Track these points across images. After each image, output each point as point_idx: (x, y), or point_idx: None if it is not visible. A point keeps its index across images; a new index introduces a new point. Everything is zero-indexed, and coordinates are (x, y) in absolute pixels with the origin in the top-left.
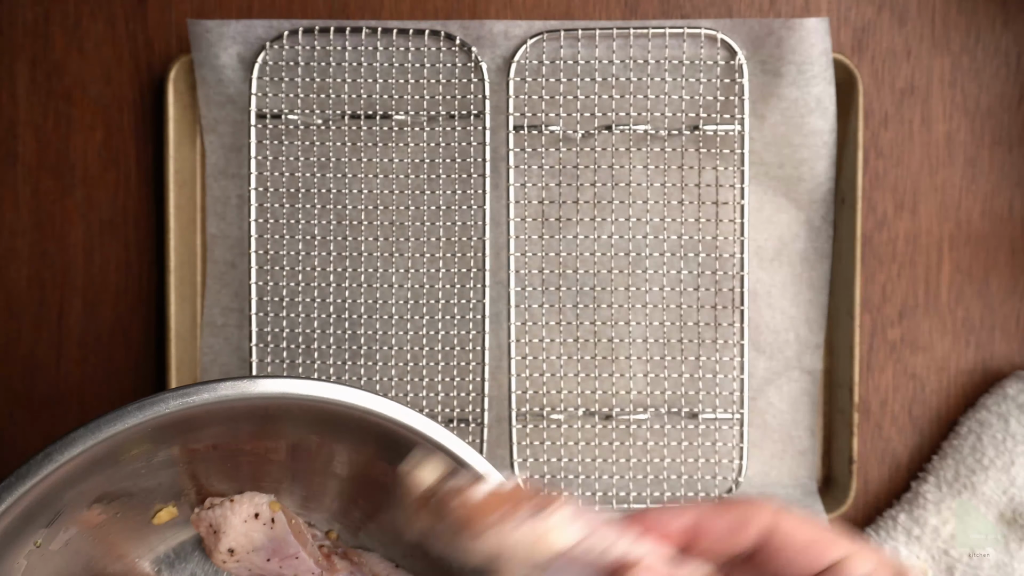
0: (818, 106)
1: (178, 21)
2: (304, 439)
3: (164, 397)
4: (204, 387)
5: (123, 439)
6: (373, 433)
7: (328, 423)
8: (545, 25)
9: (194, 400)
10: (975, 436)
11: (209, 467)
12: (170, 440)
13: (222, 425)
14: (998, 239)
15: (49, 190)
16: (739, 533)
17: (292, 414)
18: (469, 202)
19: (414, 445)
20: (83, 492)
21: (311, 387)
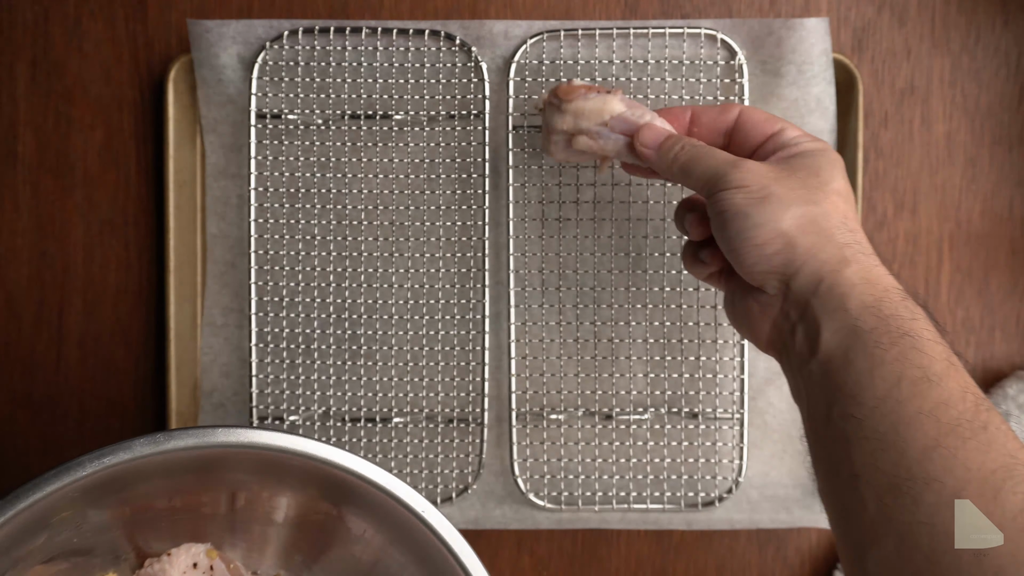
0: (818, 106)
1: (178, 21)
2: (243, 488)
3: (81, 461)
4: (120, 446)
5: (46, 505)
6: (312, 475)
7: (265, 469)
8: (545, 25)
9: (109, 461)
10: None
11: (147, 528)
12: (100, 501)
13: (154, 481)
14: (998, 239)
15: (49, 190)
16: (724, 115)
17: (225, 463)
18: (469, 202)
19: (355, 485)
20: (23, 557)
21: (234, 435)
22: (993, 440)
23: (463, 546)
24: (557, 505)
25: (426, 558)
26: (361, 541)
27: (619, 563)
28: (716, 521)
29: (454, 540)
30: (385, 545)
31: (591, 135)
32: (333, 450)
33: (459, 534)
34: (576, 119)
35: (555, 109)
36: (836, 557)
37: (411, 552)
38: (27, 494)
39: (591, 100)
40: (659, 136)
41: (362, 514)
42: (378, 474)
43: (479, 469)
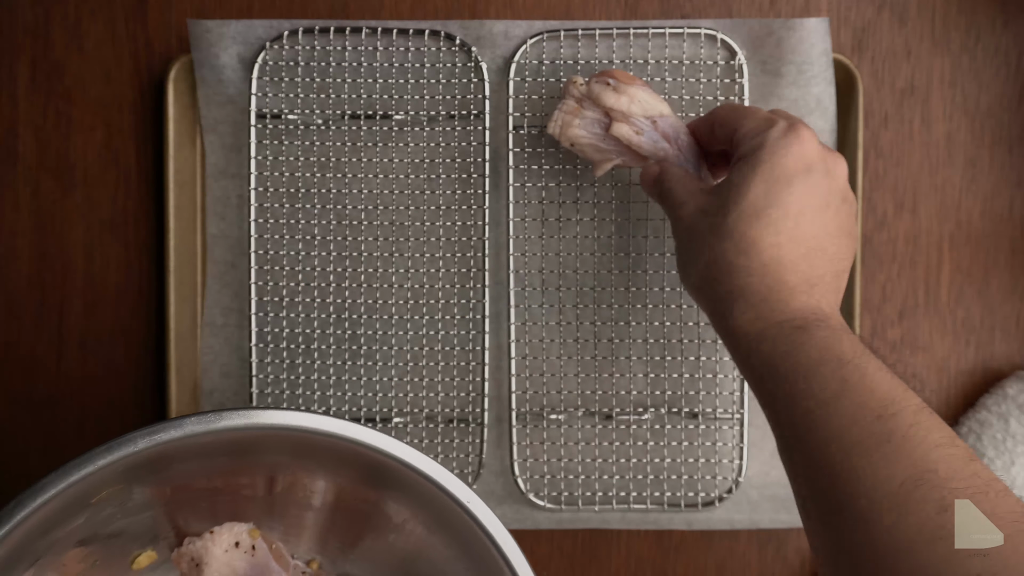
0: (818, 106)
1: (178, 21)
2: (282, 471)
3: (132, 437)
4: (171, 424)
5: (94, 481)
6: (352, 460)
7: (305, 452)
8: (545, 25)
9: (160, 437)
10: (975, 436)
11: (186, 509)
12: (143, 479)
13: (195, 461)
14: (998, 239)
15: (49, 190)
16: (708, 123)
17: (266, 445)
18: (469, 202)
19: (398, 472)
20: (60, 538)
21: (282, 417)
22: (898, 450)
23: (506, 538)
24: (557, 505)
25: (468, 550)
26: (400, 530)
27: (619, 563)
28: (716, 521)
29: (497, 532)
30: (425, 535)
31: (636, 126)
32: (378, 435)
33: (502, 525)
34: (631, 103)
35: (609, 88)
36: None
37: (452, 543)
38: (77, 468)
39: (647, 92)
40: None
41: (403, 502)
42: (422, 461)
43: (479, 469)
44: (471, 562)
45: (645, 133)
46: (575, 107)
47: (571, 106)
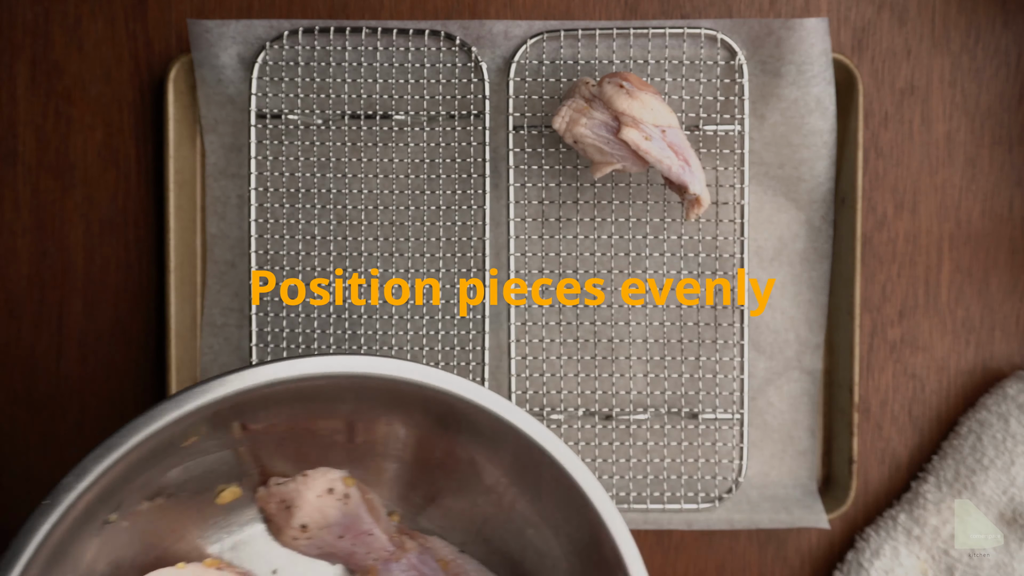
0: (818, 106)
1: (178, 21)
2: (362, 418)
3: (220, 381)
4: (260, 368)
5: (176, 429)
6: (430, 405)
7: (386, 400)
8: (545, 25)
9: (244, 383)
10: (975, 436)
11: (271, 448)
12: (228, 423)
13: (277, 408)
14: (998, 239)
15: (49, 190)
16: None
17: (345, 393)
18: (469, 202)
19: (474, 416)
20: (146, 481)
21: (365, 363)
22: None
23: (604, 500)
24: None
25: (557, 514)
26: (489, 492)
27: None
28: (716, 521)
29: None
30: (512, 499)
31: (646, 132)
32: (468, 384)
33: (612, 504)
34: (643, 109)
35: (622, 92)
36: (836, 557)
37: (542, 507)
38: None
39: (658, 100)
40: None
41: (495, 461)
42: (499, 403)
43: None
44: (558, 528)
45: (654, 140)
46: (584, 106)
47: (580, 104)
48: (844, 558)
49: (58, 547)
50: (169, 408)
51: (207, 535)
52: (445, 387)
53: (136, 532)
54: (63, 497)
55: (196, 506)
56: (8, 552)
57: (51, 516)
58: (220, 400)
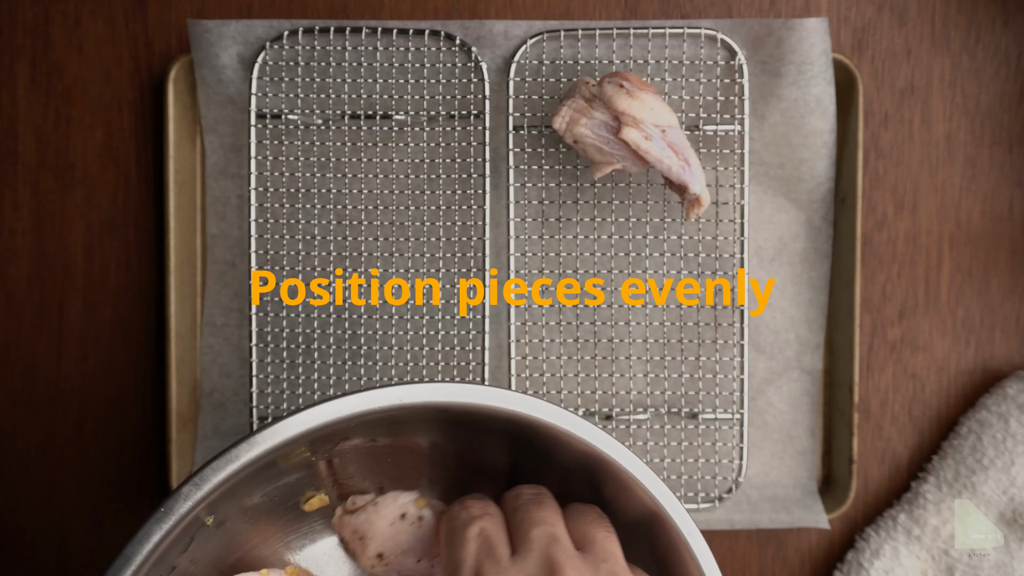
0: (818, 106)
1: (178, 21)
2: (443, 440)
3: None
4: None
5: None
6: (520, 434)
7: (466, 423)
8: (545, 25)
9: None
10: (975, 436)
11: (353, 465)
12: (324, 445)
13: (371, 428)
14: (998, 239)
15: (49, 190)
16: None
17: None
18: (469, 202)
19: (557, 440)
20: (252, 483)
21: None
22: None
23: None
24: None
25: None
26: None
27: None
28: (716, 521)
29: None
30: None
31: (646, 132)
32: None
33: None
34: (643, 108)
35: (623, 91)
36: (836, 557)
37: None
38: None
39: (659, 100)
40: None
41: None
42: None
43: None
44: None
45: (654, 140)
46: (584, 106)
47: (580, 104)
48: (844, 558)
49: (162, 552)
50: (292, 425)
51: (290, 541)
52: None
53: (224, 534)
54: (178, 506)
55: (283, 512)
56: (119, 559)
57: (164, 524)
58: (333, 423)
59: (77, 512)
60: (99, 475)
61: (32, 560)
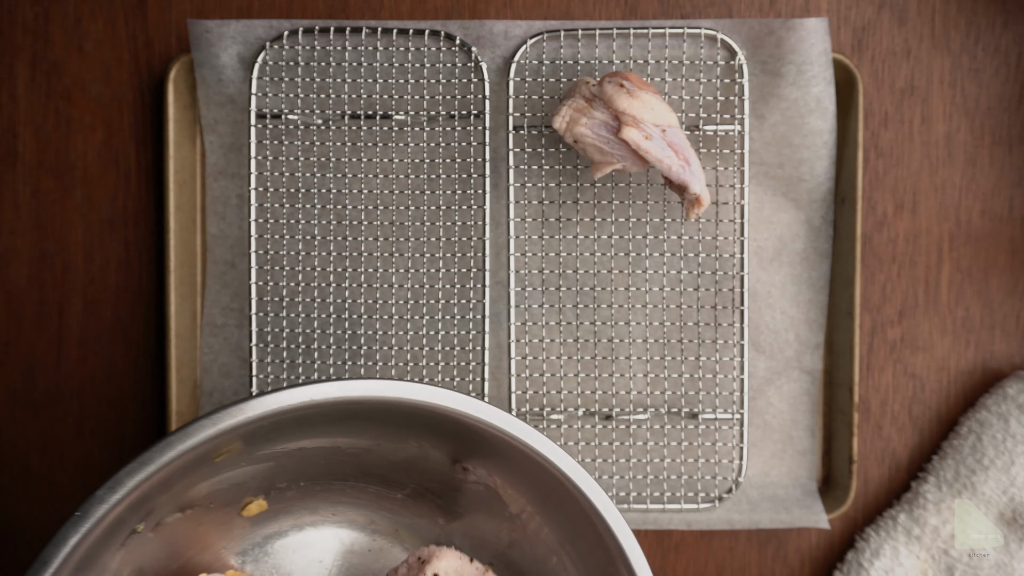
0: (818, 106)
1: (178, 21)
2: (389, 438)
3: (241, 407)
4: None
5: (215, 443)
6: (457, 432)
7: (409, 422)
8: (545, 25)
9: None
10: (975, 436)
11: (302, 465)
12: (260, 441)
13: (308, 427)
14: (998, 239)
15: (49, 190)
16: None
17: (372, 415)
18: (469, 202)
19: (498, 444)
20: (178, 490)
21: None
22: None
23: (619, 521)
24: None
25: (576, 539)
26: (514, 520)
27: None
28: (716, 521)
29: (611, 516)
30: (536, 527)
31: (646, 132)
32: (490, 408)
33: (615, 508)
34: (643, 108)
35: (623, 91)
36: (836, 557)
37: (562, 533)
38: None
39: (659, 100)
40: None
41: (519, 488)
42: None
43: None
44: (578, 552)
45: (654, 139)
46: (584, 106)
47: (580, 104)
48: (844, 558)
49: (85, 557)
50: (205, 426)
51: (231, 546)
52: (467, 411)
53: (162, 542)
54: (94, 509)
55: (222, 518)
56: (36, 563)
57: (81, 528)
58: (255, 419)
59: None
60: (99, 475)
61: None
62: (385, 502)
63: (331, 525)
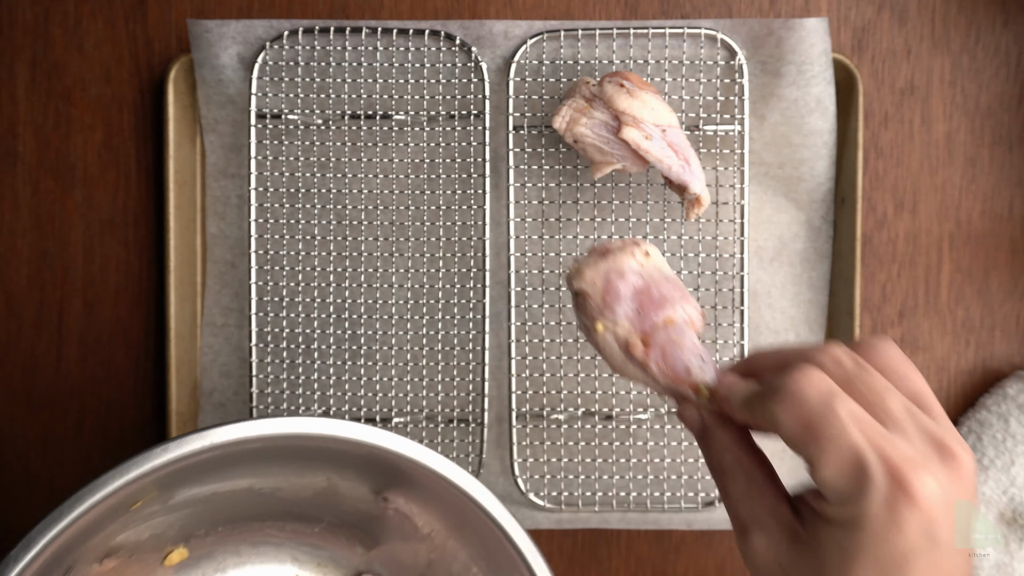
0: (818, 106)
1: (178, 21)
2: (302, 474)
3: (166, 447)
4: (198, 435)
5: (128, 492)
6: (372, 463)
7: (323, 456)
8: (545, 25)
9: (189, 449)
10: (975, 436)
11: (219, 509)
12: (175, 487)
13: (217, 472)
14: (998, 239)
15: (49, 190)
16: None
17: (286, 451)
18: (469, 202)
19: (414, 472)
20: (98, 541)
21: (317, 425)
22: None
23: (518, 530)
24: (557, 505)
25: (486, 553)
26: (428, 540)
27: (619, 563)
28: (716, 521)
29: (511, 526)
30: (448, 544)
31: (646, 132)
32: (390, 436)
33: (514, 519)
34: (643, 108)
35: (623, 91)
36: None
37: (472, 549)
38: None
39: (659, 100)
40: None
41: (429, 510)
42: (435, 459)
43: (479, 469)
44: (488, 564)
45: (654, 139)
46: (584, 106)
47: (580, 104)
48: None
49: None
50: (113, 478)
51: None
52: (374, 442)
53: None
54: (9, 570)
55: (145, 569)
56: None
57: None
58: (162, 466)
59: None
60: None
61: None
62: (304, 537)
63: (255, 565)
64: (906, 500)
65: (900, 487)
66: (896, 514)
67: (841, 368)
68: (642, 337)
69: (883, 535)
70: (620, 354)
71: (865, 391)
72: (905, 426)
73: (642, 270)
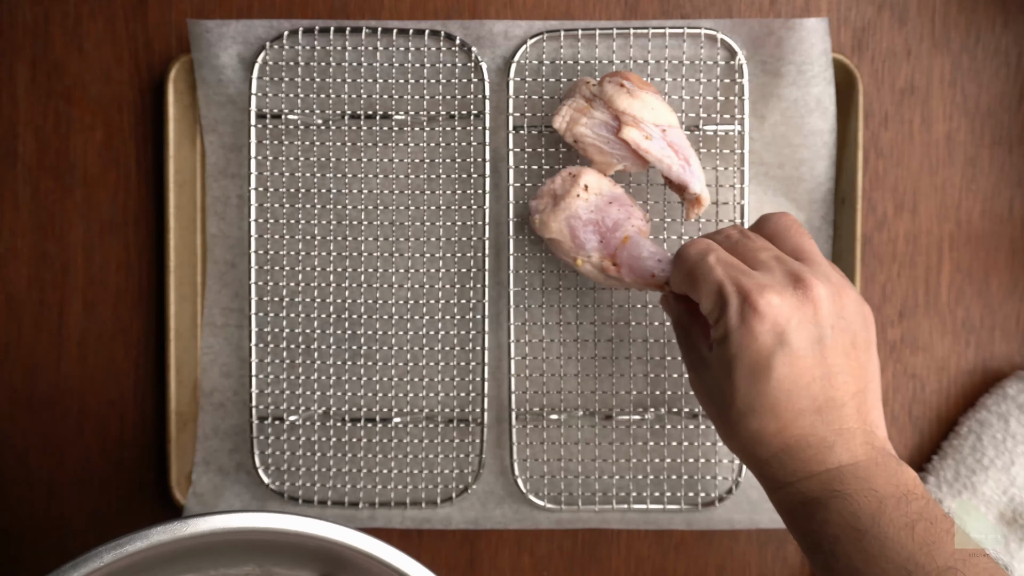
0: (818, 106)
1: (178, 21)
2: (263, 569)
3: (98, 552)
4: (137, 536)
5: None
6: (322, 555)
7: (273, 549)
8: (545, 25)
9: (128, 549)
10: (975, 436)
11: None
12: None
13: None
14: (998, 239)
15: (49, 190)
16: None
17: (244, 545)
18: (469, 202)
19: (358, 562)
20: None
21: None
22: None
23: None
24: (557, 505)
25: None
26: None
27: (619, 563)
28: (716, 521)
29: None
30: None
31: (647, 132)
32: (340, 529)
33: None
34: (643, 108)
35: (623, 91)
36: None
37: None
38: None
39: (659, 100)
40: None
41: None
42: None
43: (479, 469)
44: None
45: (654, 139)
46: (584, 106)
47: (580, 104)
48: None
49: None
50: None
51: None
52: (328, 536)
53: None
54: None
55: None
56: None
57: None
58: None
59: (77, 512)
60: (99, 475)
61: (32, 560)
62: None
63: None
64: (753, 313)
65: (749, 304)
66: (748, 325)
67: (728, 239)
68: (612, 259)
69: (745, 343)
70: (602, 275)
71: (743, 250)
72: (771, 267)
73: (589, 204)
